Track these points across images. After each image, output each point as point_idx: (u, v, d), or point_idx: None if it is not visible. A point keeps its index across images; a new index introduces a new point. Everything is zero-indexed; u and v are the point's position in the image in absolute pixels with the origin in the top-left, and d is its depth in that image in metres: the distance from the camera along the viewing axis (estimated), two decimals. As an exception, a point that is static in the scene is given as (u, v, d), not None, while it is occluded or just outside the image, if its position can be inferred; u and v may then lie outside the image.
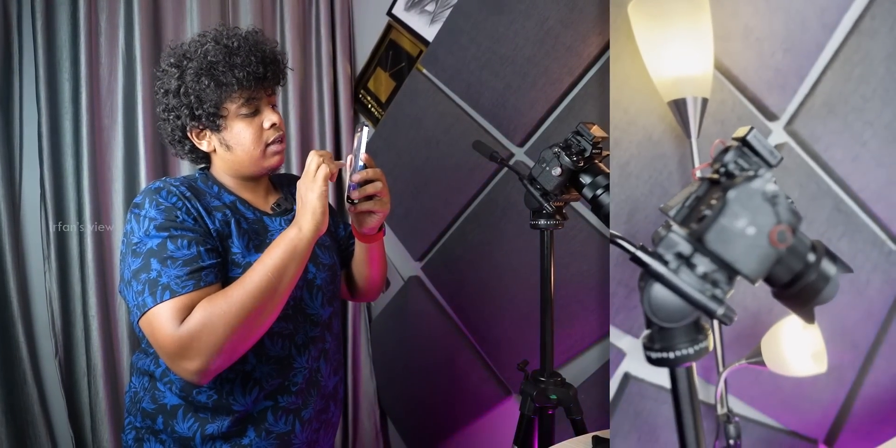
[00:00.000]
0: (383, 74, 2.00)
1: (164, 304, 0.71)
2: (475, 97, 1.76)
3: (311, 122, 1.91)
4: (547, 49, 1.61)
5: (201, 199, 0.82)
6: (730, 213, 0.42)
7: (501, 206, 1.73)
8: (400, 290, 2.05)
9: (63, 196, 1.52)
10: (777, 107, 0.79)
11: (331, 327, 0.92)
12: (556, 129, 1.61)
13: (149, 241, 0.76)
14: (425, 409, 2.01)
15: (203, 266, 0.75)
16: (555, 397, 0.99)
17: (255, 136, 0.85)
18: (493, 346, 1.78)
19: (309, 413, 0.87)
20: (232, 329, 0.71)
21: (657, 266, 0.43)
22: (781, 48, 0.80)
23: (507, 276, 1.73)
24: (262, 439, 0.82)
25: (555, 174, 0.89)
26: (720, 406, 0.81)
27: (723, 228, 0.42)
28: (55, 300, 1.51)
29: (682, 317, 0.44)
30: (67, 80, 1.51)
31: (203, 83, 0.81)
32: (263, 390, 0.82)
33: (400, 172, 1.99)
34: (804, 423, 0.81)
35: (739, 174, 0.47)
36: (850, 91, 0.79)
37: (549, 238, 0.99)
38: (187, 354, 0.70)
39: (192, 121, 0.84)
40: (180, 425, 0.81)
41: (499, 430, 1.79)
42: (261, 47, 0.85)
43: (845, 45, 0.78)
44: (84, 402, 1.55)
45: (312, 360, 0.87)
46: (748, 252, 0.43)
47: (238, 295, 0.72)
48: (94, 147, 1.52)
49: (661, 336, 0.45)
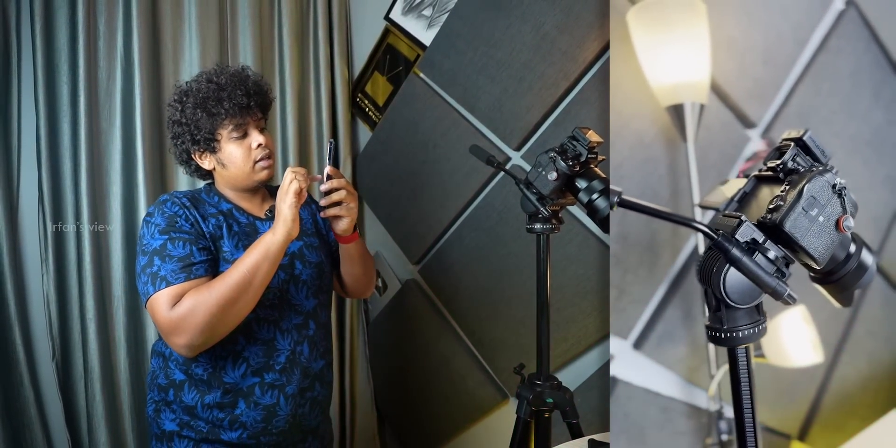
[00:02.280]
0: (381, 78, 2.01)
1: (161, 292, 0.91)
2: (472, 101, 1.77)
3: (309, 126, 1.92)
4: (543, 54, 1.62)
5: (199, 207, 1.01)
6: (805, 202, 0.47)
7: (498, 210, 1.74)
8: (397, 293, 2.06)
9: (61, 198, 1.52)
10: (755, 115, 0.83)
11: (316, 317, 1.07)
12: (552, 134, 1.62)
13: (153, 243, 0.95)
14: (422, 412, 2.01)
15: (194, 262, 0.94)
16: (551, 401, 1.00)
17: (245, 155, 1.02)
18: (490, 349, 1.78)
19: (292, 389, 1.01)
20: (212, 314, 0.88)
21: (737, 252, 0.47)
22: (760, 60, 0.84)
23: (504, 280, 1.73)
24: (250, 410, 0.98)
25: (551, 179, 0.90)
26: (713, 403, 0.83)
27: (798, 216, 0.47)
28: (52, 302, 1.51)
29: (752, 299, 0.49)
30: (66, 83, 1.51)
31: (198, 114, 0.99)
32: (251, 367, 0.98)
33: (397, 176, 2.00)
34: (779, 418, 0.84)
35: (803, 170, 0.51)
36: (820, 104, 0.83)
37: (545, 242, 1.00)
38: (177, 332, 0.89)
39: (193, 145, 1.02)
40: (186, 396, 0.99)
41: (496, 434, 1.79)
42: (245, 82, 1.02)
43: (815, 60, 0.83)
44: (81, 405, 1.55)
45: (295, 344, 1.02)
46: (818, 238, 0.48)
47: (218, 287, 0.90)
48: (91, 149, 1.52)
49: (728, 317, 0.50)
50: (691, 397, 0.84)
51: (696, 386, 0.86)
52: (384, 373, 2.12)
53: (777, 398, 0.85)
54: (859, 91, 0.85)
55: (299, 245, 1.08)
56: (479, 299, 1.80)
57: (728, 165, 0.87)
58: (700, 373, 0.87)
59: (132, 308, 1.58)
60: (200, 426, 0.99)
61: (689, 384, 0.85)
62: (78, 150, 1.51)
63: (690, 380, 0.86)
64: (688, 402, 0.84)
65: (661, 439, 0.59)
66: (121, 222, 1.56)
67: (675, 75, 0.81)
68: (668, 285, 0.96)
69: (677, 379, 0.83)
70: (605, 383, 1.51)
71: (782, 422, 0.85)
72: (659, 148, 0.86)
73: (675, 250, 0.98)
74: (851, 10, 0.83)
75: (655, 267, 0.93)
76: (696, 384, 0.86)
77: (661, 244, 0.94)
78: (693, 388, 0.85)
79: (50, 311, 1.52)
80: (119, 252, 1.55)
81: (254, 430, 0.99)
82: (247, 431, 0.98)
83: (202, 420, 0.99)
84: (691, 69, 0.81)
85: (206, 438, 0.99)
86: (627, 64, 0.90)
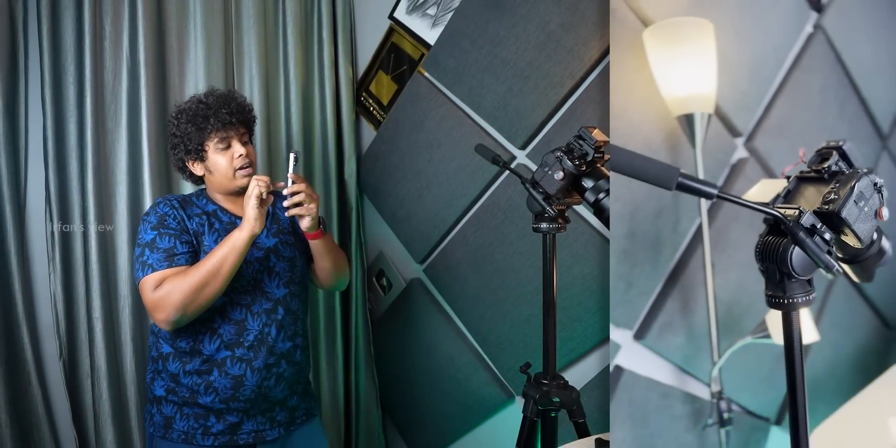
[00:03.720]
0: (385, 77, 2.01)
1: (147, 277, 1.10)
2: (477, 100, 1.77)
3: (314, 125, 1.92)
4: (548, 52, 1.61)
5: (186, 208, 1.19)
6: (856, 196, 0.60)
7: (504, 209, 1.73)
8: (402, 292, 2.06)
9: (67, 198, 1.53)
10: (742, 125, 0.91)
11: (286, 304, 1.22)
12: (557, 133, 1.61)
13: (146, 237, 1.14)
14: (427, 412, 2.01)
15: (176, 253, 1.12)
16: (558, 400, 1.00)
17: (228, 163, 1.19)
18: (496, 348, 1.78)
19: (259, 364, 1.16)
20: (185, 295, 1.07)
21: (804, 235, 0.59)
22: (747, 76, 0.91)
23: (509, 279, 1.73)
24: (222, 378, 1.14)
25: (557, 178, 0.90)
26: (714, 384, 0.90)
27: (851, 206, 0.60)
28: (59, 302, 1.52)
29: (810, 272, 0.61)
30: (72, 84, 1.52)
31: (189, 129, 1.18)
32: (224, 342, 1.15)
33: (401, 175, 1.99)
34: (759, 403, 0.92)
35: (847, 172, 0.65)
36: (795, 117, 0.91)
37: (551, 241, 1.00)
38: (157, 309, 1.08)
39: (186, 154, 1.21)
40: (171, 366, 1.17)
41: (502, 434, 1.79)
42: (230, 103, 1.20)
43: (790, 77, 0.91)
44: (87, 404, 1.56)
45: (264, 326, 1.18)
46: (864, 223, 0.61)
47: (192, 273, 1.08)
48: (98, 150, 1.53)
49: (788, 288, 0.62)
50: (687, 385, 0.90)
51: (690, 375, 0.92)
52: (388, 372, 2.13)
53: (758, 384, 0.93)
54: (827, 106, 0.93)
55: (275, 242, 1.24)
56: (484, 298, 1.80)
57: (719, 170, 0.93)
58: (696, 361, 0.92)
59: (138, 307, 1.59)
60: (182, 392, 1.16)
61: (685, 373, 0.91)
62: (84, 150, 1.52)
63: (687, 368, 0.92)
64: (684, 390, 0.90)
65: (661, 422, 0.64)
66: (126, 222, 1.57)
67: (686, 87, 0.88)
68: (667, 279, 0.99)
69: (674, 368, 0.89)
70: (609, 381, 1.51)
71: (762, 406, 0.91)
72: (664, 153, 0.92)
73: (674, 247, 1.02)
74: (819, 33, 0.91)
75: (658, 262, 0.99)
76: (692, 372, 0.92)
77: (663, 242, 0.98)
78: (688, 377, 0.91)
79: (57, 310, 1.52)
80: (125, 251, 1.56)
81: (224, 396, 1.15)
82: (218, 396, 1.14)
83: (184, 387, 1.16)
84: (701, 82, 0.87)
85: (186, 402, 1.16)
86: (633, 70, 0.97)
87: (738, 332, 0.91)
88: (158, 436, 1.18)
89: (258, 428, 1.19)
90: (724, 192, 0.61)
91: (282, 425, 1.22)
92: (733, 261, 0.92)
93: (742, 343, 0.90)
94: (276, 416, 1.21)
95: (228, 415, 1.16)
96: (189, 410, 1.16)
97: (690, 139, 0.90)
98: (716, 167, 0.92)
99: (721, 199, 0.61)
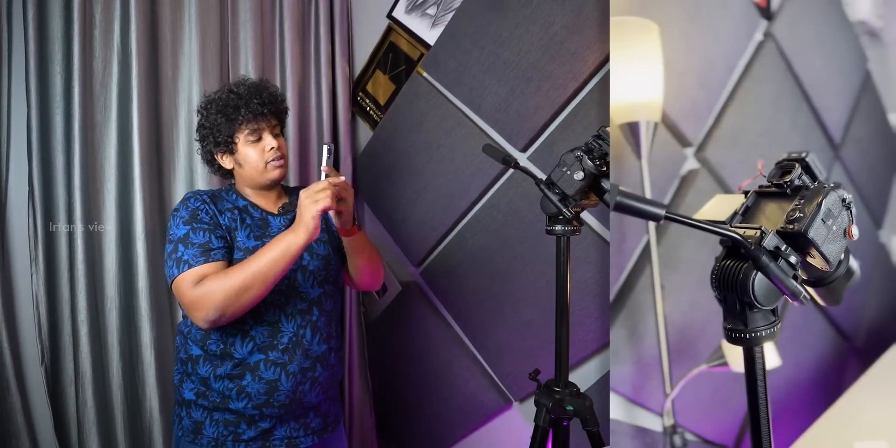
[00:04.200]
0: (382, 77, 1.98)
1: (185, 273, 1.04)
2: (477, 101, 1.75)
3: (309, 124, 1.88)
4: (552, 54, 1.60)
5: (217, 203, 1.14)
6: (823, 214, 0.55)
7: (503, 212, 1.71)
8: (397, 296, 2.02)
9: (52, 194, 1.46)
10: (692, 135, 0.89)
11: (320, 304, 1.17)
12: (559, 135, 1.60)
13: (178, 232, 1.08)
14: (422, 417, 1.98)
15: (212, 248, 1.07)
16: (571, 408, 0.97)
17: (259, 156, 1.14)
18: (493, 353, 1.75)
19: (294, 368, 1.11)
20: (227, 296, 1.01)
21: (767, 259, 0.53)
22: (697, 83, 0.89)
23: (508, 283, 1.70)
24: (255, 383, 1.09)
25: (577, 178, 0.87)
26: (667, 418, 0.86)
27: (819, 225, 0.54)
28: (42, 304, 1.45)
29: (775, 300, 0.55)
30: (59, 74, 1.45)
31: (219, 120, 1.13)
32: (256, 345, 1.10)
33: (398, 176, 1.96)
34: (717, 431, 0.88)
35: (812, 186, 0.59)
36: (748, 127, 0.89)
37: (565, 244, 0.97)
38: (196, 307, 1.02)
39: (215, 147, 1.16)
40: (201, 369, 1.12)
41: (498, 440, 1.76)
42: (262, 93, 1.15)
43: (740, 86, 0.89)
44: (71, 412, 1.49)
45: (298, 327, 1.13)
46: (832, 244, 0.55)
47: (237, 273, 1.02)
48: (86, 144, 1.46)
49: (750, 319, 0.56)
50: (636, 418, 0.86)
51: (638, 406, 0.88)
52: (383, 377, 2.08)
53: (715, 411, 0.89)
54: (780, 116, 0.91)
55: None
56: (482, 302, 1.77)
57: (668, 182, 0.90)
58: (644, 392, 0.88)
59: (126, 309, 1.53)
60: (213, 397, 1.11)
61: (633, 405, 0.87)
62: (71, 143, 1.45)
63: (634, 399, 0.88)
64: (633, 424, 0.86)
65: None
66: (115, 220, 1.51)
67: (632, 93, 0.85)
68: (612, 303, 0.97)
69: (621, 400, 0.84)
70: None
71: (720, 433, 0.88)
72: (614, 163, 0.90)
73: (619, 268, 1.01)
74: (770, 41, 0.89)
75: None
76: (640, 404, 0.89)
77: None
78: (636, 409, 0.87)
79: (39, 312, 1.45)
80: (113, 251, 1.50)
81: (257, 401, 1.10)
82: (251, 402, 1.10)
83: (215, 391, 1.11)
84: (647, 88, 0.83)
85: (217, 407, 1.11)
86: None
87: (691, 357, 0.87)
88: (187, 440, 1.13)
89: (291, 434, 1.14)
90: (672, 212, 0.55)
91: (315, 433, 1.17)
92: (685, 280, 0.88)
93: (697, 371, 0.86)
94: (311, 422, 1.17)
95: (261, 421, 1.11)
96: (220, 416, 1.11)
97: (635, 149, 0.87)
98: (664, 179, 0.89)
99: (670, 220, 0.55)
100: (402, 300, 2.00)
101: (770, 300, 0.55)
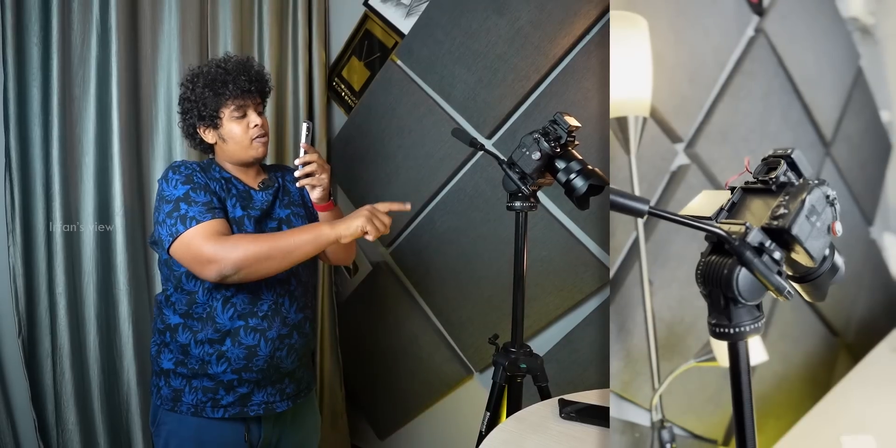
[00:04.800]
0: (357, 63, 2.05)
1: (194, 229, 1.05)
2: (448, 90, 1.84)
3: (286, 107, 1.93)
4: (517, 47, 1.70)
5: (206, 173, 1.15)
6: (807, 210, 0.55)
7: (469, 195, 1.82)
8: (368, 275, 2.11)
9: (29, 166, 1.47)
10: (682, 131, 0.89)
11: (297, 275, 1.21)
12: (522, 124, 1.71)
13: (177, 192, 1.09)
14: (390, 390, 2.08)
15: (216, 207, 1.09)
16: (524, 366, 1.08)
17: (243, 132, 1.16)
18: (458, 327, 1.86)
19: (273, 334, 1.15)
20: (248, 256, 1.03)
21: (750, 254, 0.54)
22: (687, 78, 0.88)
23: (473, 262, 1.81)
24: (235, 348, 1.12)
25: (534, 158, 0.98)
26: (655, 413, 0.87)
27: (803, 222, 0.55)
28: (19, 276, 1.46)
29: (759, 296, 0.56)
30: (36, 45, 1.44)
31: (206, 93, 1.14)
32: (237, 312, 1.13)
33: (372, 160, 2.04)
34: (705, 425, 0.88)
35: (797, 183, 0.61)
36: (738, 123, 0.89)
37: (523, 219, 1.08)
38: (215, 259, 1.03)
39: (199, 120, 1.17)
40: (181, 336, 1.14)
41: (460, 409, 1.88)
42: (249, 70, 1.17)
43: (731, 82, 0.88)
44: (48, 384, 1.50)
45: (278, 296, 1.16)
46: (816, 240, 0.56)
47: (266, 239, 1.05)
48: (64, 117, 1.47)
49: (734, 315, 0.57)
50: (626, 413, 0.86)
51: (628, 401, 0.88)
52: (353, 353, 2.17)
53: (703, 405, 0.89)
54: (771, 112, 0.90)
55: (287, 213, 1.22)
56: (448, 280, 1.87)
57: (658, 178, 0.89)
58: (633, 387, 0.88)
59: (104, 283, 1.56)
60: (192, 364, 1.13)
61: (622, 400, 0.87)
62: (49, 117, 1.46)
63: (623, 395, 0.87)
64: (623, 419, 0.86)
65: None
66: (93, 194, 1.52)
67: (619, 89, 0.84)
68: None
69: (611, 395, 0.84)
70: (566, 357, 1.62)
71: (708, 428, 0.88)
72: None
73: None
74: (761, 37, 0.89)
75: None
76: (629, 399, 0.88)
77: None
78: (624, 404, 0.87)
79: (16, 284, 1.46)
80: (90, 224, 1.52)
81: (236, 366, 1.13)
82: (231, 366, 1.13)
83: (194, 358, 1.13)
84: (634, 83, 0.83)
85: (196, 374, 1.14)
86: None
87: (680, 352, 0.86)
88: (166, 409, 1.16)
89: (268, 399, 1.18)
90: (657, 207, 0.56)
91: (290, 398, 1.22)
92: (674, 276, 0.86)
93: (685, 367, 0.86)
94: (286, 388, 1.21)
95: (240, 386, 1.14)
96: (198, 383, 1.14)
97: (624, 144, 0.87)
98: (654, 174, 0.88)
99: (654, 216, 0.56)
100: (373, 279, 2.09)
101: (754, 295, 0.55)
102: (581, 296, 1.60)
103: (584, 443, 0.89)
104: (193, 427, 1.15)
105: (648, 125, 0.87)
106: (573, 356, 1.62)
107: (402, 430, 2.05)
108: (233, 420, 1.16)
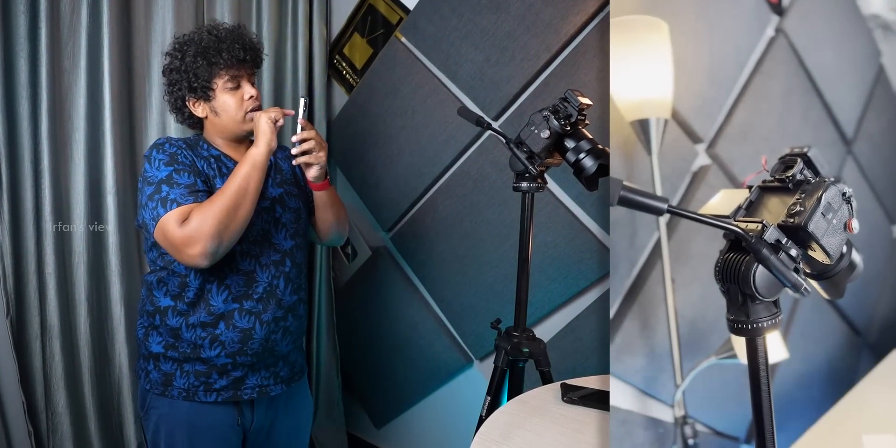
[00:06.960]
0: (360, 40, 1.98)
1: (172, 212, 1.00)
2: (454, 69, 1.77)
3: (285, 86, 1.87)
4: (527, 24, 1.63)
5: (193, 151, 1.10)
6: (823, 208, 0.56)
7: (474, 178, 1.76)
8: (367, 260, 2.06)
9: (16, 142, 1.42)
10: (703, 131, 0.91)
11: (292, 256, 1.18)
12: (530, 105, 1.64)
13: (159, 174, 1.04)
14: (388, 378, 2.04)
15: (198, 189, 1.04)
16: (527, 351, 1.04)
17: (237, 104, 1.11)
18: (458, 315, 1.82)
19: (268, 317, 1.12)
20: (219, 220, 0.99)
21: (767, 251, 0.55)
22: (707, 79, 0.90)
23: (475, 247, 1.77)
24: (229, 331, 1.10)
25: (543, 136, 0.92)
26: (678, 408, 0.89)
27: (819, 219, 0.56)
28: (7, 255, 1.42)
29: (776, 292, 0.57)
30: (23, 13, 1.37)
31: (198, 63, 1.07)
32: (232, 294, 1.10)
33: (373, 141, 1.98)
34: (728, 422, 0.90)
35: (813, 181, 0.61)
36: (759, 123, 0.91)
37: (530, 200, 1.03)
38: (191, 243, 0.98)
39: (189, 92, 1.10)
40: (171, 320, 1.10)
41: (459, 397, 1.85)
42: (242, 38, 1.11)
43: (751, 82, 0.90)
44: (37, 366, 1.47)
45: (272, 278, 1.13)
46: (832, 237, 0.57)
47: (219, 198, 1.01)
48: (53, 91, 1.41)
49: (752, 311, 0.58)
50: (648, 409, 0.88)
51: (651, 397, 0.90)
52: (350, 341, 2.14)
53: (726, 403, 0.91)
54: (791, 111, 0.91)
55: (280, 192, 1.18)
56: (450, 266, 1.83)
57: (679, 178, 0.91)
58: (657, 383, 0.90)
59: (94, 265, 1.51)
60: (183, 347, 1.10)
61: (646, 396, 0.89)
62: (38, 90, 1.40)
63: (647, 391, 0.89)
64: (645, 414, 0.88)
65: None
66: (84, 172, 1.47)
67: (640, 91, 0.87)
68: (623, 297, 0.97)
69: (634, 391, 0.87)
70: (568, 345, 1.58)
71: (730, 425, 0.90)
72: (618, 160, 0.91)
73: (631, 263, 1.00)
74: (781, 37, 0.90)
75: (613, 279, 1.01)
76: (653, 395, 0.90)
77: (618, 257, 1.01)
78: (649, 400, 0.89)
79: (4, 264, 1.43)
80: (81, 202, 1.47)
81: (231, 350, 1.10)
82: (225, 350, 1.10)
83: (185, 341, 1.10)
84: (655, 85, 0.86)
85: (188, 358, 1.10)
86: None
87: (702, 349, 0.88)
88: (156, 393, 1.12)
89: (262, 382, 1.15)
90: (675, 206, 0.57)
91: (284, 381, 1.19)
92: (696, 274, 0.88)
93: (706, 364, 0.87)
94: (280, 371, 1.18)
95: (234, 370, 1.11)
96: (190, 367, 1.10)
97: (646, 146, 0.89)
98: (675, 175, 0.90)
99: (672, 214, 0.57)
100: (372, 264, 2.05)
101: (771, 292, 0.56)
102: (585, 283, 1.55)
103: (586, 425, 0.91)
104: (185, 411, 1.12)
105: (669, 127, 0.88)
106: (576, 344, 1.58)
107: (398, 418, 2.02)
108: (226, 404, 1.13)
